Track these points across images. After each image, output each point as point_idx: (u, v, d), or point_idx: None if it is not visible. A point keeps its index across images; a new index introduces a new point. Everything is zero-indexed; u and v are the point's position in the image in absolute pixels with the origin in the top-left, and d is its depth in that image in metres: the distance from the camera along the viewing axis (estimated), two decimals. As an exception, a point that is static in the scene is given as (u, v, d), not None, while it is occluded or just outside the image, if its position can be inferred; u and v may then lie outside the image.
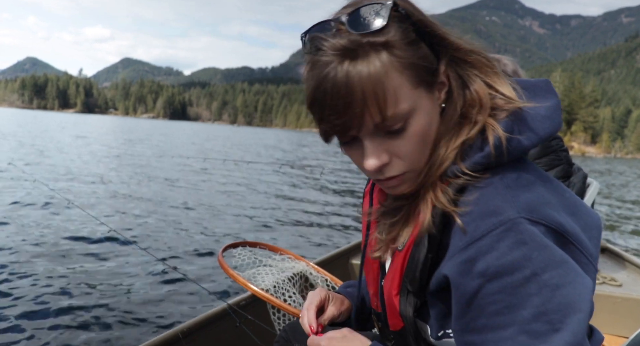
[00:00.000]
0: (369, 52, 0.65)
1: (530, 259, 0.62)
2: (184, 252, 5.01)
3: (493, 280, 0.63)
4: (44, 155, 14.41)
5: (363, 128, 0.68)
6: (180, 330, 1.79)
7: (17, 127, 33.40)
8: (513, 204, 0.65)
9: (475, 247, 0.64)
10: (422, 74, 0.68)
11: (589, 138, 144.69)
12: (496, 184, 0.67)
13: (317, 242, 6.08)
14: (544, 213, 0.66)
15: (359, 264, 2.90)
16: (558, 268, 0.62)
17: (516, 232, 0.63)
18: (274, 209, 8.27)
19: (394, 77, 0.65)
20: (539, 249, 0.62)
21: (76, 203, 3.81)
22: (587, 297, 0.63)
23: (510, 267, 0.62)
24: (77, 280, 3.90)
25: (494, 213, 0.65)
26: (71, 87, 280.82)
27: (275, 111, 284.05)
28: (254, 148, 29.57)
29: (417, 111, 0.68)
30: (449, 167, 0.70)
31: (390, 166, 0.72)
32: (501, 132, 0.68)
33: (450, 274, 0.67)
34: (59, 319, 3.16)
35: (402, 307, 0.79)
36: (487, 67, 0.73)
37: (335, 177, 14.00)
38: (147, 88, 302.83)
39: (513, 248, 0.63)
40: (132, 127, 57.40)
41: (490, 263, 0.63)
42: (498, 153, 0.67)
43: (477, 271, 0.64)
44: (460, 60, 0.72)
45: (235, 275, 1.81)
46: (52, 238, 5.07)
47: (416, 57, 0.67)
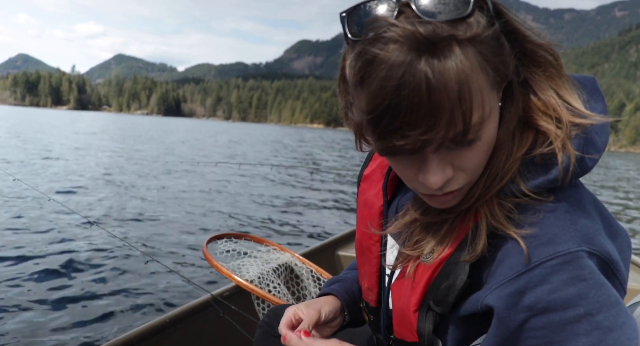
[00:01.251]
0: (453, 46, 0.50)
1: (587, 298, 0.55)
2: (168, 244, 4.99)
3: (540, 314, 0.57)
4: (32, 154, 14.31)
5: (436, 140, 0.54)
6: (162, 321, 1.79)
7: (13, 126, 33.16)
8: (573, 234, 0.58)
9: (527, 277, 0.57)
10: (500, 74, 0.56)
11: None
12: (558, 209, 0.59)
13: (303, 234, 6.07)
14: (599, 243, 0.59)
15: (345, 255, 2.94)
16: (612, 309, 0.56)
17: (575, 266, 0.56)
18: (260, 202, 8.26)
19: (479, 79, 0.53)
20: (597, 288, 0.56)
21: (55, 198, 3.80)
22: (636, 341, 0.57)
23: (562, 304, 0.56)
24: (57, 272, 3.88)
25: (551, 242, 0.57)
26: (64, 84, 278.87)
27: (270, 107, 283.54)
28: (246, 145, 29.54)
29: (490, 117, 0.57)
30: (507, 184, 0.61)
31: (452, 181, 0.61)
32: (572, 151, 0.59)
33: (496, 305, 0.59)
34: (38, 311, 3.15)
35: (421, 324, 0.71)
36: (553, 69, 0.62)
37: (323, 172, 13.98)
38: (141, 85, 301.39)
39: (569, 284, 0.56)
40: (128, 124, 57.18)
41: (540, 297, 0.56)
42: (567, 178, 0.59)
43: (525, 304, 0.57)
44: (526, 56, 0.61)
45: (220, 266, 1.82)
46: (31, 231, 5.05)
47: (500, 55, 0.56)
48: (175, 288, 3.70)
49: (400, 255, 0.73)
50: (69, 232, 5.11)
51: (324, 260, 2.69)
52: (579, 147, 0.59)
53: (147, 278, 3.88)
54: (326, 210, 8.11)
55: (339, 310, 0.94)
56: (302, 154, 23.39)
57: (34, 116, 61.64)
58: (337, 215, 7.67)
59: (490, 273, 0.61)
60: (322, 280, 2.17)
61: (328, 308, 0.90)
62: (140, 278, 3.87)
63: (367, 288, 0.89)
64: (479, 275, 0.63)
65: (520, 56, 0.61)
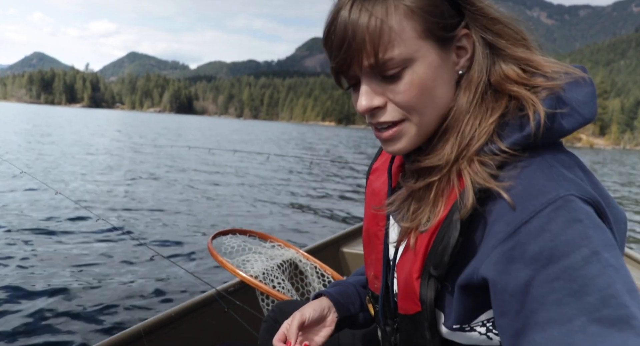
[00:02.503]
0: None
1: (588, 237, 0.56)
2: (174, 239, 5.04)
3: (548, 265, 0.56)
4: (40, 148, 14.49)
5: (362, 68, 0.68)
6: (168, 314, 1.81)
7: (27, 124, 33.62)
8: (560, 182, 0.60)
9: (525, 230, 0.58)
10: (431, 25, 0.66)
11: (597, 129, 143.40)
12: (538, 163, 0.63)
13: (307, 230, 6.10)
14: (587, 190, 0.61)
15: (349, 252, 2.95)
16: (614, 249, 0.57)
17: (569, 209, 0.58)
18: (264, 198, 8.30)
19: (397, 21, 0.65)
20: (595, 228, 0.57)
21: (62, 191, 3.86)
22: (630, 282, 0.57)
23: (566, 248, 0.56)
24: (63, 266, 3.93)
25: (540, 193, 0.59)
26: (78, 82, 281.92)
27: (282, 104, 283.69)
28: (259, 141, 29.61)
29: (418, 61, 0.67)
30: (485, 145, 0.66)
31: (384, 110, 0.70)
32: (542, 109, 0.63)
33: (491, 271, 0.61)
34: (43, 304, 3.20)
35: (423, 291, 0.73)
36: (516, 40, 0.69)
37: (326, 167, 13.99)
38: (153, 83, 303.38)
39: (567, 227, 0.57)
40: (141, 121, 57.58)
41: (543, 246, 0.57)
42: (539, 132, 0.63)
43: (528, 257, 0.57)
44: (486, 28, 0.69)
45: (224, 261, 1.84)
46: (38, 224, 5.12)
47: (428, 6, 0.66)
48: (181, 283, 3.74)
49: (402, 230, 0.75)
50: (75, 226, 5.19)
51: (328, 256, 2.71)
52: (550, 105, 0.64)
53: (153, 272, 3.93)
54: (331, 206, 8.12)
55: (327, 308, 0.98)
56: (304, 151, 23.38)
57: (50, 114, 62.39)
58: (341, 212, 7.67)
59: (486, 234, 0.63)
60: (326, 276, 2.18)
61: (313, 307, 0.96)
62: (146, 273, 3.92)
63: (373, 276, 0.91)
64: (473, 237, 0.65)
65: (483, 28, 0.68)
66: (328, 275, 2.18)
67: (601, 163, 33.23)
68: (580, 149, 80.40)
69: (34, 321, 2.96)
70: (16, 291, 3.36)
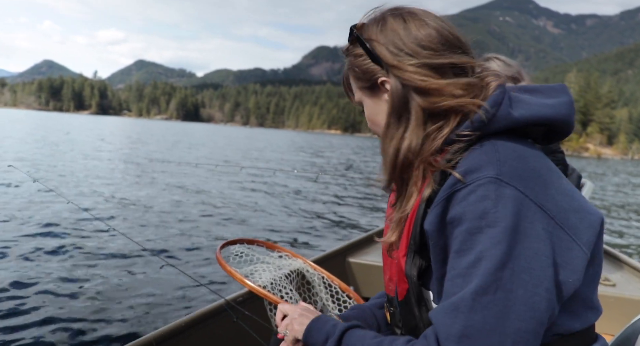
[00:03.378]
0: (345, 57, 0.98)
1: (486, 213, 0.71)
2: (183, 249, 5.08)
3: (457, 225, 0.73)
4: (49, 156, 14.59)
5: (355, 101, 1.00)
6: (177, 325, 1.82)
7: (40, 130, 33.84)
8: (495, 165, 0.73)
9: (452, 197, 0.74)
10: (360, 82, 0.94)
11: (605, 139, 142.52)
12: (487, 147, 0.77)
13: (314, 241, 6.13)
14: (525, 183, 0.73)
15: (356, 262, 2.96)
16: (508, 229, 0.69)
17: (487, 188, 0.71)
18: (271, 208, 8.33)
19: (350, 76, 0.98)
20: (497, 207, 0.70)
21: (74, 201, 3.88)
22: (532, 267, 0.69)
23: (468, 216, 0.72)
24: (73, 275, 3.96)
25: (475, 170, 0.74)
26: (86, 89, 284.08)
27: (288, 112, 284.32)
28: (267, 151, 29.62)
29: (364, 103, 0.96)
30: (445, 141, 0.82)
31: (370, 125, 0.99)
32: (479, 102, 0.80)
33: (429, 224, 0.77)
34: (57, 313, 3.22)
35: (408, 267, 0.86)
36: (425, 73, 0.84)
37: (332, 178, 13.98)
38: (161, 90, 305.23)
39: (478, 201, 0.71)
40: (149, 129, 57.85)
41: (458, 211, 0.73)
42: (480, 121, 0.78)
43: (449, 217, 0.75)
44: (400, 76, 0.86)
45: (233, 271, 1.84)
46: (49, 234, 5.16)
47: (355, 73, 0.94)
48: (190, 292, 3.76)
49: (394, 220, 0.91)
50: (85, 235, 5.22)
51: (334, 266, 2.71)
52: (495, 101, 0.80)
53: (163, 282, 3.96)
54: (336, 216, 8.12)
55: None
56: (309, 161, 23.37)
57: (61, 121, 62.82)
58: (346, 222, 7.68)
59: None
60: (334, 286, 2.18)
61: None
62: (156, 282, 3.94)
63: (388, 279, 1.00)
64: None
65: (395, 77, 0.87)
66: (335, 285, 2.18)
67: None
68: (587, 159, 79.85)
69: (44, 331, 2.98)
70: (24, 301, 3.37)
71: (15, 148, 16.67)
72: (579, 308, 0.79)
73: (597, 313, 0.82)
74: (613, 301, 2.42)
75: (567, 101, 0.83)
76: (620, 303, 2.41)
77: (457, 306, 0.69)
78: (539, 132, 0.87)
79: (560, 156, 2.42)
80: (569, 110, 0.83)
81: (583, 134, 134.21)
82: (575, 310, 0.79)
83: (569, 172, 2.48)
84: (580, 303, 0.79)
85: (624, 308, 2.40)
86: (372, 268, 2.86)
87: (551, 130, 0.86)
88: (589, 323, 0.81)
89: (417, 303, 0.86)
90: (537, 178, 0.74)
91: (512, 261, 0.68)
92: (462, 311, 0.69)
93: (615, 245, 7.46)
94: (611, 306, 2.41)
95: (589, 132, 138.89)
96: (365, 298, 1.06)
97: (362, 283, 2.89)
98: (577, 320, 0.79)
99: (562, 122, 0.82)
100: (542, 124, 0.82)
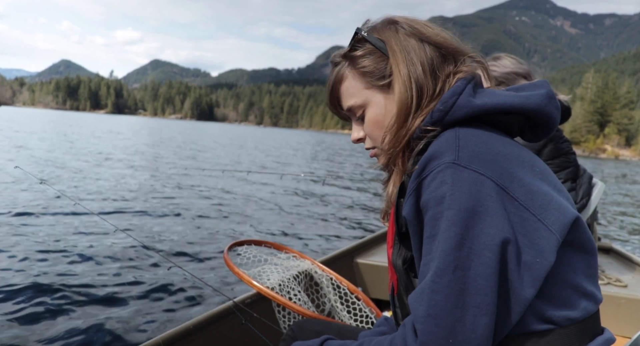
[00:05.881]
0: (339, 63, 0.97)
1: (444, 197, 0.74)
2: (190, 250, 5.06)
3: (425, 213, 0.77)
4: (61, 157, 14.75)
5: (343, 113, 1.01)
6: (187, 327, 1.81)
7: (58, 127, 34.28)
8: (454, 150, 0.76)
9: (419, 185, 0.78)
10: (369, 80, 0.93)
11: (623, 140, 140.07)
12: (447, 135, 0.80)
13: (321, 241, 6.08)
14: (485, 165, 0.75)
15: (364, 263, 2.94)
16: (463, 211, 0.72)
17: (445, 173, 0.74)
18: (279, 209, 8.30)
19: (349, 82, 0.95)
20: (453, 190, 0.73)
21: (81, 202, 3.88)
22: (490, 244, 0.71)
23: (432, 202, 0.75)
24: (80, 276, 3.95)
25: (437, 157, 0.77)
26: (102, 89, 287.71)
27: (302, 112, 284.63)
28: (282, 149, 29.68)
29: (370, 104, 0.94)
30: (416, 133, 0.87)
31: (365, 141, 1.00)
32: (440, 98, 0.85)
33: (406, 212, 0.81)
34: (63, 316, 3.22)
35: (394, 258, 0.90)
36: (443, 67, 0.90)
37: (338, 181, 13.91)
38: (175, 90, 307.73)
39: (438, 187, 0.75)
40: (164, 128, 58.20)
41: (423, 199, 0.77)
42: (439, 111, 0.83)
43: (420, 205, 0.78)
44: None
45: (241, 273, 1.83)
46: (57, 236, 5.15)
47: (364, 69, 0.93)
48: (198, 294, 3.75)
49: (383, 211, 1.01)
50: (93, 238, 5.21)
51: (342, 267, 2.70)
52: (456, 89, 0.84)
53: (171, 284, 3.95)
54: (344, 216, 8.08)
55: None
56: (318, 162, 23.34)
57: (78, 120, 63.56)
58: (354, 222, 7.63)
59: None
60: (342, 287, 2.17)
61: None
62: (164, 284, 3.94)
63: (391, 277, 1.01)
64: None
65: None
66: (344, 286, 2.17)
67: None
68: (604, 160, 78.54)
69: (49, 333, 2.98)
70: (30, 304, 3.38)
71: (26, 147, 16.87)
72: (571, 296, 0.79)
73: (595, 303, 0.82)
74: (625, 302, 2.38)
75: (543, 93, 0.84)
76: (633, 305, 2.37)
77: (423, 289, 0.73)
78: (517, 124, 0.87)
79: (572, 157, 2.41)
80: (543, 100, 0.83)
81: (601, 135, 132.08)
82: (566, 297, 0.79)
83: (580, 173, 2.46)
84: (570, 290, 0.79)
85: (636, 310, 2.37)
86: (381, 269, 2.84)
87: (533, 123, 0.87)
88: (588, 311, 0.80)
89: (407, 293, 0.88)
90: (502, 161, 0.76)
91: (469, 241, 0.71)
92: (425, 293, 0.72)
93: (626, 246, 7.33)
94: (623, 307, 2.37)
95: (606, 133, 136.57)
96: (374, 299, 1.12)
97: (370, 284, 2.88)
98: (572, 308, 0.79)
99: (535, 111, 0.82)
100: (510, 112, 0.82)
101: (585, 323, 0.80)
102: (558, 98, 0.88)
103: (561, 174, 2.37)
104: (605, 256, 3.26)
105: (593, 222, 2.66)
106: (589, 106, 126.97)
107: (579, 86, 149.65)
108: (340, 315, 2.10)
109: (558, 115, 0.85)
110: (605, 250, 3.32)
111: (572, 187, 2.39)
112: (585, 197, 2.40)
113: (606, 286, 2.50)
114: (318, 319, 1.35)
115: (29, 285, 3.69)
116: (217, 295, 2.18)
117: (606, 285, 2.53)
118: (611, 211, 12.09)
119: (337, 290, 2.18)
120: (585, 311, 0.80)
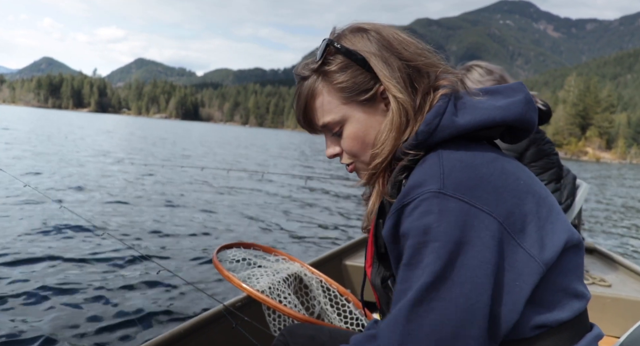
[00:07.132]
0: (308, 77, 0.90)
1: (430, 228, 0.72)
2: (179, 253, 4.99)
3: (406, 240, 0.76)
4: (44, 157, 14.50)
5: (319, 128, 0.93)
6: (175, 332, 1.78)
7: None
8: (439, 178, 0.74)
9: (401, 211, 0.77)
10: (349, 95, 0.87)
11: (604, 143, 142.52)
12: (431, 161, 0.78)
13: (309, 243, 6.07)
14: (471, 192, 0.73)
15: (352, 265, 2.94)
16: (450, 243, 0.71)
17: (430, 203, 0.73)
18: (266, 212, 8.26)
19: (324, 97, 0.89)
20: (440, 221, 0.71)
21: (66, 205, 3.77)
22: (481, 273, 0.71)
23: (415, 231, 0.73)
24: (66, 281, 3.87)
25: (421, 184, 0.75)
26: (85, 87, 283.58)
27: (287, 113, 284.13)
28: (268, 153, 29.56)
29: (349, 120, 0.89)
30: (397, 153, 0.84)
31: (342, 156, 0.94)
32: (422, 119, 0.83)
33: (386, 235, 0.81)
34: (47, 323, 3.15)
35: (373, 277, 0.91)
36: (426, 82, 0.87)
37: (324, 182, 13.91)
38: (160, 89, 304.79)
39: (422, 216, 0.73)
40: (148, 128, 57.59)
41: (405, 226, 0.75)
42: (423, 132, 0.81)
43: (399, 231, 0.78)
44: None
45: (231, 276, 1.82)
46: (42, 239, 5.03)
47: (343, 84, 0.87)
48: (187, 298, 3.70)
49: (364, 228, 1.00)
50: (80, 241, 5.11)
51: (331, 269, 2.70)
52: (437, 112, 0.82)
53: (159, 287, 3.89)
54: (331, 218, 8.08)
55: None
56: (305, 164, 23.34)
57: (61, 118, 62.54)
58: (342, 224, 7.64)
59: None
60: (332, 290, 2.16)
61: None
62: (152, 288, 3.88)
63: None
64: None
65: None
66: (333, 288, 2.16)
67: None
68: (586, 163, 79.84)
69: (37, 338, 2.91)
70: (17, 309, 3.31)
71: (9, 146, 16.55)
72: (562, 299, 0.79)
73: (583, 301, 0.82)
74: (610, 302, 2.43)
75: (520, 100, 0.83)
76: (617, 304, 2.42)
77: (397, 317, 0.72)
78: (498, 132, 0.87)
79: (555, 158, 2.45)
80: (523, 108, 0.82)
81: (582, 138, 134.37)
82: (557, 300, 0.79)
83: (564, 173, 2.50)
84: (562, 293, 0.79)
85: (621, 309, 2.42)
86: None
87: (513, 128, 0.86)
88: (578, 311, 0.81)
89: (388, 307, 0.88)
90: (487, 185, 0.75)
91: (453, 273, 0.70)
92: (400, 322, 0.72)
93: (610, 246, 7.47)
94: (608, 307, 2.42)
95: (588, 136, 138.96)
96: (364, 301, 1.16)
97: (359, 286, 2.88)
98: (563, 309, 0.79)
99: (516, 121, 0.82)
100: (493, 127, 0.82)
101: (575, 322, 0.81)
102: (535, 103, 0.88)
103: (545, 175, 2.40)
104: (589, 256, 3.31)
105: (578, 223, 2.70)
106: (571, 109, 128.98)
107: (561, 89, 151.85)
108: (330, 317, 2.09)
109: (536, 117, 0.84)
110: (589, 251, 3.38)
111: (556, 188, 2.42)
112: (569, 198, 2.43)
113: (591, 286, 2.54)
114: (309, 323, 1.34)
115: (11, 288, 3.61)
116: (207, 298, 2.15)
117: (591, 284, 2.57)
118: (595, 212, 12.30)
119: (327, 293, 2.18)
120: (575, 310, 0.81)
